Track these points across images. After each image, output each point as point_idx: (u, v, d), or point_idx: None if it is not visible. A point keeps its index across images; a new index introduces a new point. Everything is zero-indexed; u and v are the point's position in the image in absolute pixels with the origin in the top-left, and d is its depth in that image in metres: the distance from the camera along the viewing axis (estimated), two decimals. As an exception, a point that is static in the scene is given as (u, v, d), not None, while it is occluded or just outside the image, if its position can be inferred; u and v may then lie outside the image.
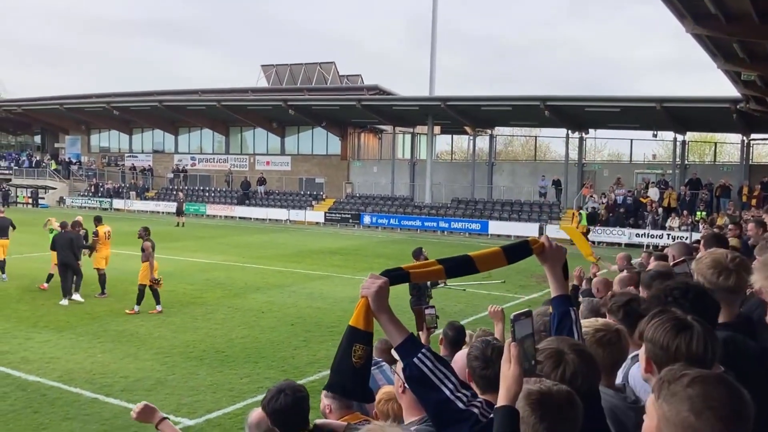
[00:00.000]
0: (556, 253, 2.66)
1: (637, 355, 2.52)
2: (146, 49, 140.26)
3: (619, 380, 2.87)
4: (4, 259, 18.04)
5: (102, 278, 16.12)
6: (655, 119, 33.57)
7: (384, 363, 4.92)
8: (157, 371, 10.25)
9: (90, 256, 16.56)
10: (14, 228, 18.85)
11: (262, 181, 44.58)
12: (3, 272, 17.80)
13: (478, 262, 2.56)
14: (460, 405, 2.19)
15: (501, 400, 1.98)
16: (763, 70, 18.31)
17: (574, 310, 2.66)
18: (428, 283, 11.50)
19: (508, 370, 1.99)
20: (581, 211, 33.38)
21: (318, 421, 3.78)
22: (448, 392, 2.18)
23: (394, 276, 2.41)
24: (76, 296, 15.41)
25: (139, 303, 14.30)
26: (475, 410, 2.20)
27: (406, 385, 2.42)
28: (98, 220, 17.01)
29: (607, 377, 2.64)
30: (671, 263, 4.66)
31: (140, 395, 9.13)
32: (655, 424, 1.68)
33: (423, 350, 2.22)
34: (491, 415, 2.07)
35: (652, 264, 5.94)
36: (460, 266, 2.55)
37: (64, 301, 15.03)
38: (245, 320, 13.85)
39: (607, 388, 2.61)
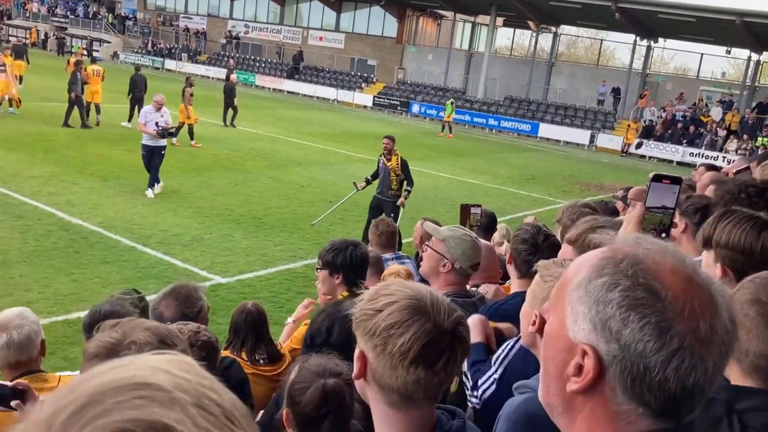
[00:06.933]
0: None
1: None
2: None
3: None
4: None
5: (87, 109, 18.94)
6: (731, 34, 31.56)
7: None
8: (195, 228, 10.47)
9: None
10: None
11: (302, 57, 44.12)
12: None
13: None
14: None
15: None
16: None
17: None
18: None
19: (624, 230, 1.89)
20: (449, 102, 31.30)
21: None
22: None
23: None
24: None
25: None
26: None
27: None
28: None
29: None
30: (731, 172, 4.38)
31: (176, 249, 9.39)
32: None
33: None
34: None
35: (706, 175, 5.63)
36: None
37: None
38: (284, 192, 13.96)
39: None
